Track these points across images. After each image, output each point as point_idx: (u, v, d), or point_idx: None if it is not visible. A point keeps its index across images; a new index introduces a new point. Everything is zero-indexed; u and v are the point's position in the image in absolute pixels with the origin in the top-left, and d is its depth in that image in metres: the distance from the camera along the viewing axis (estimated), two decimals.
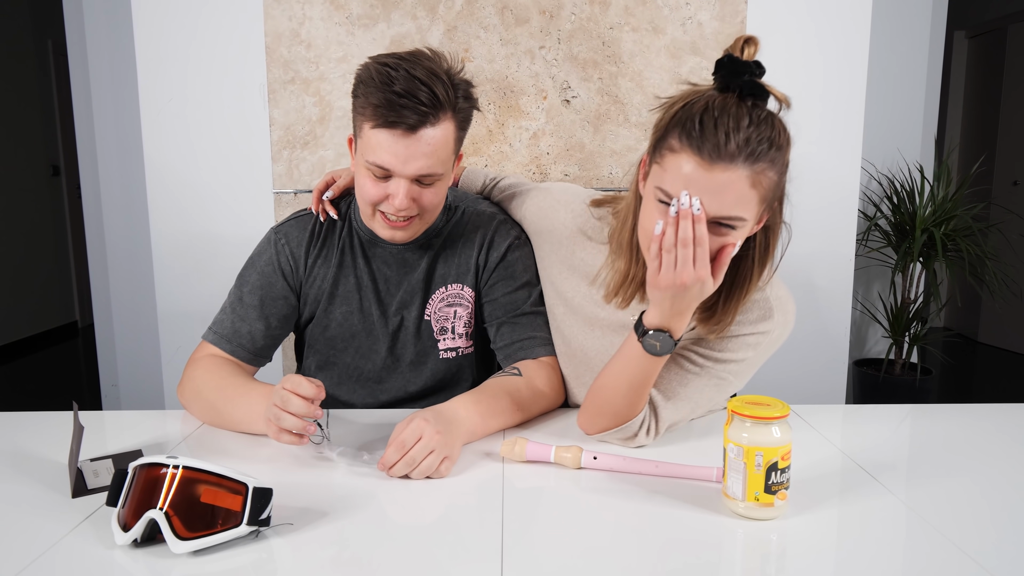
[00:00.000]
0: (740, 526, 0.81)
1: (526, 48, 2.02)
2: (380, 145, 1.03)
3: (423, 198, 1.08)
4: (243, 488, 0.75)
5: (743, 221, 0.89)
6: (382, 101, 1.00)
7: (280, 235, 1.21)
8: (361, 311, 1.21)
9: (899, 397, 2.80)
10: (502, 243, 1.22)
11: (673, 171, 0.88)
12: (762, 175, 0.87)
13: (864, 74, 2.10)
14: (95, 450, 1.02)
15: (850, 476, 0.94)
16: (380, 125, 1.02)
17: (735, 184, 0.86)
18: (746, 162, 0.86)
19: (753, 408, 0.81)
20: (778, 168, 0.89)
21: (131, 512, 0.75)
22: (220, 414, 1.09)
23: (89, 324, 4.89)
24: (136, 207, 2.67)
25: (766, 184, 0.88)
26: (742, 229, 0.90)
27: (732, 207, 0.87)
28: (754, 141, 0.86)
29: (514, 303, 1.20)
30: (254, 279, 1.20)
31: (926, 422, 1.17)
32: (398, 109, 1.00)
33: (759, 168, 0.87)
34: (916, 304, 2.87)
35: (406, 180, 1.05)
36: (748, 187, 0.87)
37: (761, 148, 0.86)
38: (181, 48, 2.04)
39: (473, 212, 1.25)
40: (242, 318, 1.19)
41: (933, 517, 0.83)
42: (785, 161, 0.90)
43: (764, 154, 0.87)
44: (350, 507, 0.85)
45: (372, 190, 1.07)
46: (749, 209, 0.88)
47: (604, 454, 0.95)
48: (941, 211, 2.78)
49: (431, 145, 1.03)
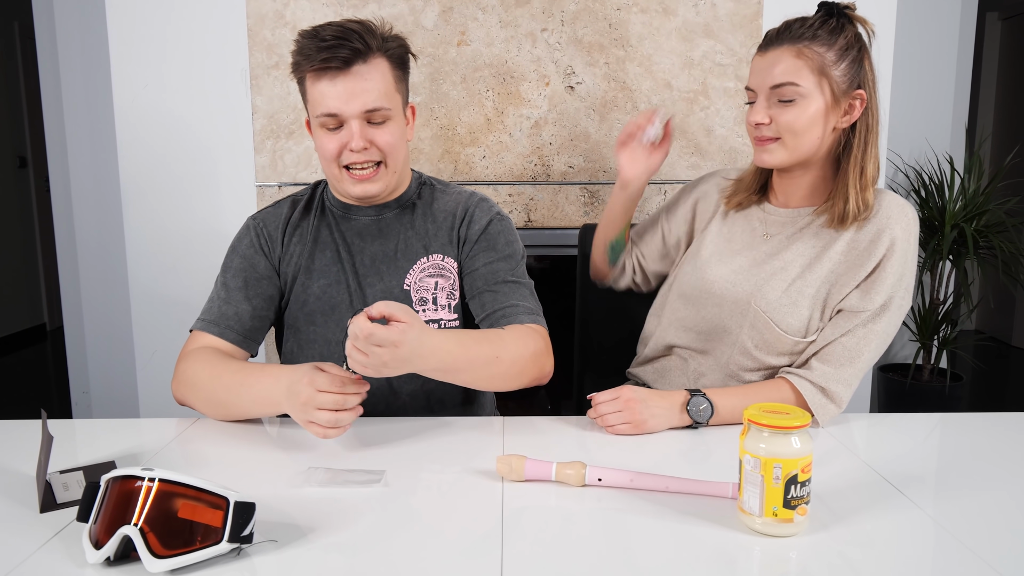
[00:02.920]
0: (757, 543, 0.81)
1: (527, 31, 2.02)
2: (322, 94, 1.18)
3: (378, 138, 1.21)
4: (224, 502, 0.75)
5: (797, 87, 1.17)
6: (312, 49, 1.16)
7: (257, 220, 1.33)
8: (339, 283, 1.28)
9: (927, 405, 2.80)
10: (483, 217, 1.31)
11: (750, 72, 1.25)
12: (807, 49, 1.17)
13: (890, 59, 2.10)
14: (65, 462, 1.02)
15: (875, 490, 0.94)
16: (316, 71, 1.17)
17: (780, 58, 1.18)
18: (789, 42, 1.18)
19: (771, 416, 0.81)
20: (827, 44, 1.17)
21: (103, 528, 0.75)
22: (224, 404, 1.17)
23: (59, 326, 4.89)
24: (109, 201, 2.67)
25: (813, 56, 1.17)
26: (805, 100, 1.17)
27: (782, 75, 1.18)
28: (795, 28, 1.19)
29: (494, 272, 1.27)
30: (236, 263, 1.30)
31: (956, 432, 1.17)
32: (327, 51, 1.15)
33: (802, 44, 1.17)
34: (945, 305, 2.87)
35: (357, 120, 1.18)
36: (792, 57, 1.17)
37: (803, 31, 1.18)
38: (157, 31, 2.04)
39: (452, 189, 1.37)
40: (227, 301, 1.27)
41: (964, 534, 0.83)
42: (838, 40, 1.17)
43: (805, 34, 1.17)
44: (338, 523, 0.85)
45: (329, 144, 1.21)
46: (801, 76, 1.17)
47: (610, 470, 0.95)
48: (972, 205, 2.78)
49: (367, 79, 1.18)
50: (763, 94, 1.20)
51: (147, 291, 2.12)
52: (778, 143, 1.21)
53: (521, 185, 2.07)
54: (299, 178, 2.05)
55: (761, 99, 1.21)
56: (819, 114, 1.18)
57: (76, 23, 2.60)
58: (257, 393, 1.12)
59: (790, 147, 1.20)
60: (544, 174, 2.07)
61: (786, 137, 1.20)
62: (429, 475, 0.99)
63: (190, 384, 1.19)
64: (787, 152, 1.21)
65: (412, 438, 1.12)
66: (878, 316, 1.18)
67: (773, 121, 1.20)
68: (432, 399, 1.29)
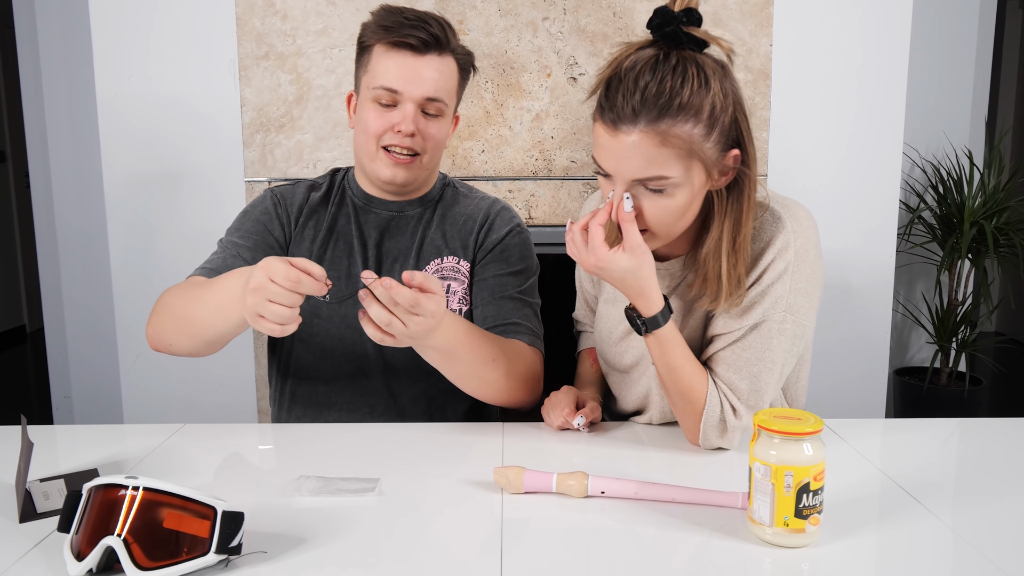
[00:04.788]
0: (768, 554, 0.81)
1: (528, 19, 2.02)
2: (388, 68, 1.19)
3: (428, 130, 1.22)
4: (211, 512, 0.75)
5: (667, 180, 0.98)
6: (393, 23, 1.18)
7: (276, 193, 1.34)
8: (349, 277, 1.28)
9: (945, 410, 2.80)
10: (503, 226, 1.32)
11: (595, 140, 1.02)
12: (670, 131, 0.95)
13: (906, 49, 2.10)
14: (45, 469, 1.02)
15: (890, 498, 0.94)
16: (390, 44, 1.19)
17: (639, 146, 0.96)
18: (647, 122, 0.95)
19: (782, 422, 0.81)
20: (694, 117, 0.96)
21: (86, 539, 0.75)
22: (189, 318, 1.12)
23: (39, 328, 4.89)
24: (91, 197, 2.67)
25: (680, 138, 0.96)
26: (679, 188, 0.99)
27: (645, 168, 0.97)
28: (651, 99, 0.94)
29: (502, 285, 1.27)
30: (248, 225, 1.29)
31: (976, 438, 1.17)
32: (408, 29, 1.18)
33: (664, 125, 0.95)
34: (964, 306, 2.87)
35: (413, 104, 1.20)
36: (655, 147, 0.96)
37: (662, 103, 0.94)
38: (142, 19, 2.04)
39: (476, 195, 1.37)
40: (235, 256, 1.25)
41: (985, 545, 0.83)
42: (704, 106, 0.96)
43: (667, 109, 0.94)
44: (330, 534, 0.85)
45: (377, 121, 1.21)
46: (668, 167, 0.97)
47: (613, 480, 0.95)
48: (992, 202, 2.78)
49: (438, 71, 1.20)
50: (622, 182, 1.00)
51: (132, 291, 2.12)
52: (648, 233, 1.03)
53: (521, 181, 2.07)
54: (290, 173, 2.05)
55: (619, 187, 1.00)
56: (693, 197, 1.01)
57: (57, 11, 2.60)
58: (220, 295, 1.06)
59: (663, 236, 1.04)
60: (545, 169, 2.07)
61: (658, 229, 1.03)
62: (425, 484, 0.99)
63: (160, 309, 1.17)
64: (659, 240, 1.05)
65: (408, 445, 1.12)
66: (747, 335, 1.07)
67: (641, 213, 1.01)
68: (433, 405, 1.29)
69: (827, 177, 2.14)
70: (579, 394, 1.22)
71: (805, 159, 2.12)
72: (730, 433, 1.08)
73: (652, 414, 1.22)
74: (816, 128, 2.12)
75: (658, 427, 1.20)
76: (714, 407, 1.07)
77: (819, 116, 2.11)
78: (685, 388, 1.08)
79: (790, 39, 2.06)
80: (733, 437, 1.08)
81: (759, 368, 1.07)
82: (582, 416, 1.15)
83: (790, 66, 2.07)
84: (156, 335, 1.19)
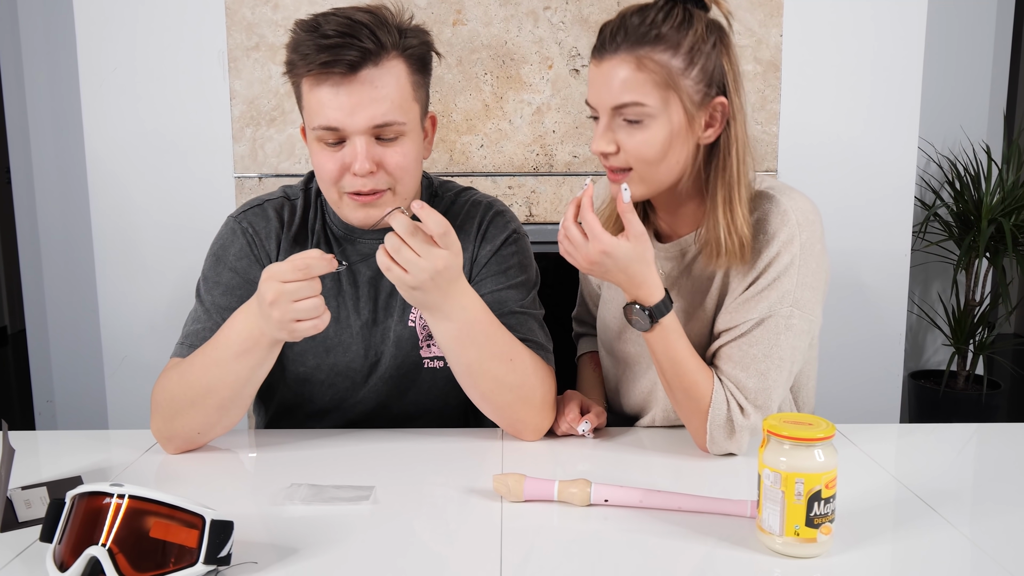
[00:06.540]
0: (777, 565, 0.81)
1: (528, 9, 2.02)
2: (321, 102, 1.04)
3: (387, 159, 1.08)
4: (199, 521, 0.75)
5: (642, 107, 1.03)
6: (311, 47, 1.02)
7: (244, 224, 1.20)
8: (337, 321, 1.20)
9: (962, 415, 2.79)
10: (497, 235, 1.23)
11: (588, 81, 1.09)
12: (647, 58, 1.03)
13: (922, 39, 2.10)
14: (27, 477, 1.02)
15: (905, 507, 0.94)
16: (316, 75, 1.04)
17: (617, 70, 1.04)
18: (627, 48, 1.03)
19: (792, 427, 0.81)
20: (672, 48, 1.03)
21: (69, 549, 0.75)
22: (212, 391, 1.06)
23: (20, 330, 4.88)
24: (75, 194, 2.67)
25: (657, 63, 1.03)
26: (656, 121, 1.04)
27: (622, 93, 1.04)
28: (632, 29, 1.04)
29: (503, 301, 1.19)
30: (226, 278, 1.18)
31: (994, 443, 1.17)
32: (329, 51, 1.02)
33: (643, 52, 1.03)
34: (982, 307, 2.87)
35: (362, 136, 1.05)
36: (632, 70, 1.03)
37: (642, 32, 1.03)
38: (127, 9, 2.04)
39: (465, 200, 1.26)
40: (219, 324, 1.11)
41: (1003, 555, 0.83)
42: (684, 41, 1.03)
43: (645, 37, 1.03)
44: (323, 543, 0.85)
45: (329, 164, 1.08)
46: (644, 93, 1.03)
47: (617, 488, 0.95)
48: (1011, 198, 2.78)
49: (378, 88, 1.04)
50: (605, 113, 1.06)
51: (116, 292, 2.12)
52: (632, 174, 1.07)
53: (522, 176, 2.07)
54: (281, 169, 2.05)
55: (603, 120, 1.06)
56: (673, 137, 1.05)
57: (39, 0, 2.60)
58: (237, 341, 1.01)
59: (646, 178, 1.07)
60: (547, 164, 2.07)
61: (639, 167, 1.06)
62: (422, 492, 0.99)
63: (166, 404, 1.08)
64: (645, 184, 1.08)
65: (404, 451, 1.12)
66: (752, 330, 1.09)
67: (621, 149, 1.05)
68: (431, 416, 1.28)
69: (839, 172, 2.14)
70: (583, 399, 1.22)
71: (816, 153, 2.12)
72: (738, 434, 1.08)
73: (655, 413, 1.22)
74: (828, 121, 2.11)
75: (663, 433, 1.21)
76: (720, 405, 1.07)
77: (831, 109, 2.11)
78: (689, 383, 1.08)
79: (801, 29, 2.06)
80: (741, 439, 1.08)
81: (767, 365, 1.08)
82: (587, 422, 1.15)
83: (801, 57, 2.07)
84: (175, 434, 1.09)
